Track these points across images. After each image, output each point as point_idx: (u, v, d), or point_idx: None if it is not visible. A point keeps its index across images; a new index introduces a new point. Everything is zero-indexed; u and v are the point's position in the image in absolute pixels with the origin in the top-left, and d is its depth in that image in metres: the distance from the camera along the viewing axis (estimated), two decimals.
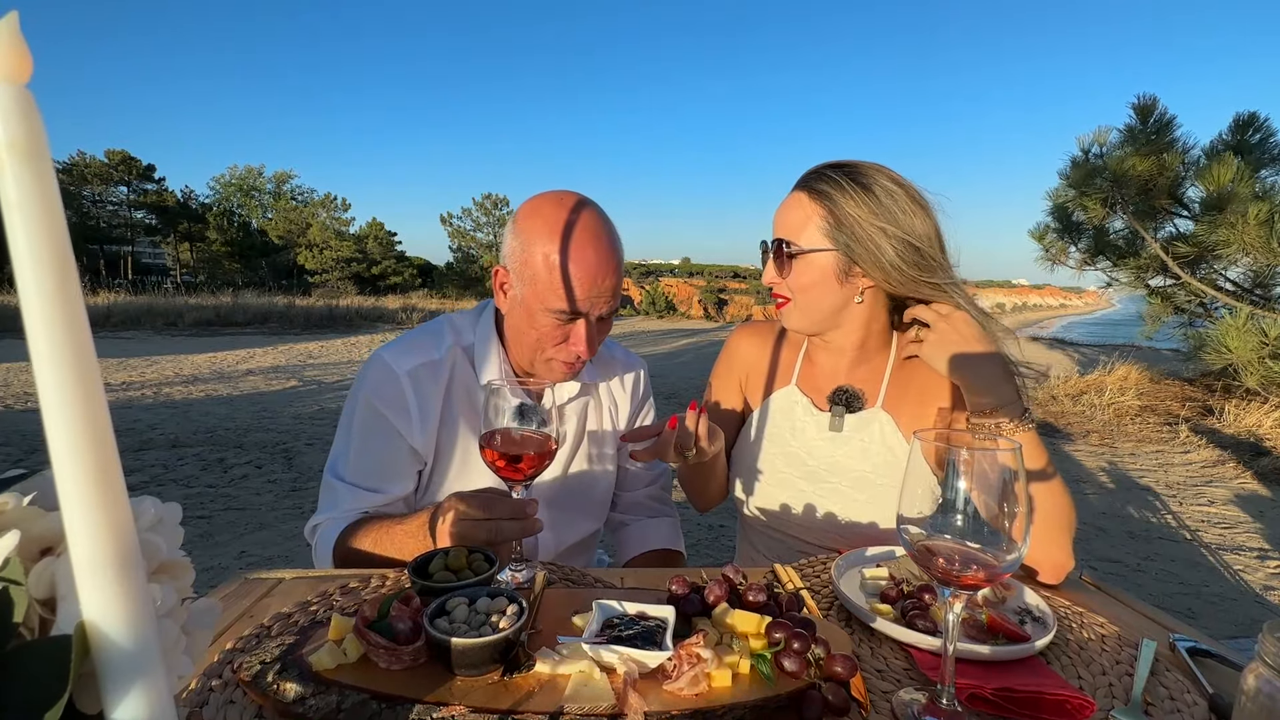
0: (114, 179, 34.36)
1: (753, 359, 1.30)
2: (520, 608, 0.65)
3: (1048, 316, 63.23)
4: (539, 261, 1.05)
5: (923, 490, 0.59)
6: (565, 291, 1.05)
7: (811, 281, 1.10)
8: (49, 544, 0.32)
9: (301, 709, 0.57)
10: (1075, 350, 13.55)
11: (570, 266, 1.04)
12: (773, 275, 1.15)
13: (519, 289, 1.09)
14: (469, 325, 1.22)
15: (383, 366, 1.12)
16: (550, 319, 1.08)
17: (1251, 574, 3.17)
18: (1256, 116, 6.88)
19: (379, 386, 1.11)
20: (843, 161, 1.11)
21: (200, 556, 3.16)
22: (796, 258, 1.10)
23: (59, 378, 0.26)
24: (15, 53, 0.25)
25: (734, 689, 0.60)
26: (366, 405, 1.12)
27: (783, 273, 1.12)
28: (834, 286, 1.10)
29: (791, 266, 1.11)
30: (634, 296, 46.50)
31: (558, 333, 1.09)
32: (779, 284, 1.14)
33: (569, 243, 1.05)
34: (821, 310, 1.13)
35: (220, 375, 8.62)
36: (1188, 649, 0.77)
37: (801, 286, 1.11)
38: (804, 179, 1.12)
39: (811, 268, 1.09)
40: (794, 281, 1.12)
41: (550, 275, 1.05)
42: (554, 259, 1.04)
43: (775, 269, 1.14)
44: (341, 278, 33.76)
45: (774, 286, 1.15)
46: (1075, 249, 8.42)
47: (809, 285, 1.11)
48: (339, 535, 1.05)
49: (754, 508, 1.24)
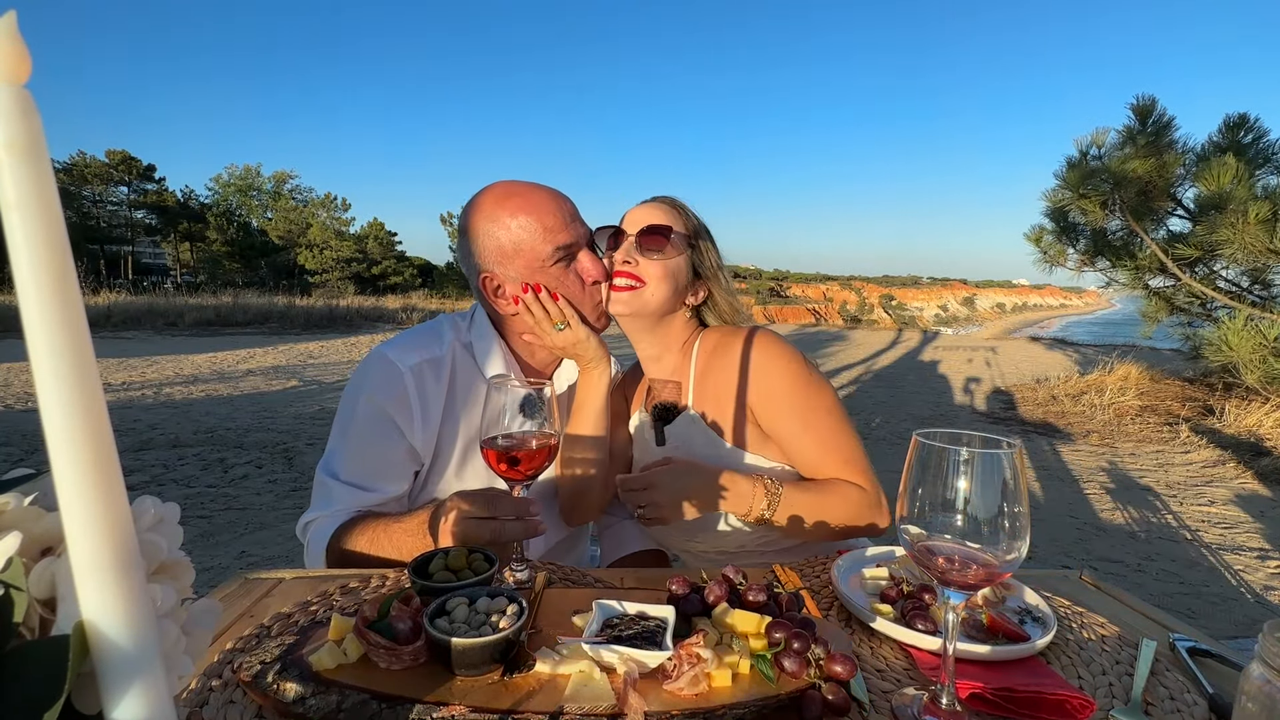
0: (114, 179, 34.41)
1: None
2: (520, 608, 0.65)
3: (1048, 316, 63.19)
4: (511, 234, 1.10)
5: (923, 491, 0.59)
6: (548, 232, 1.10)
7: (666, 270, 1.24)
8: (50, 544, 0.32)
9: (302, 709, 0.57)
10: (1075, 350, 13.54)
11: (532, 213, 1.10)
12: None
13: (513, 272, 1.12)
14: (466, 324, 1.23)
15: (385, 363, 1.10)
16: (558, 270, 1.12)
17: (1251, 574, 3.17)
18: (1247, 117, 6.86)
19: (381, 384, 1.09)
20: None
21: (200, 556, 3.16)
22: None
23: (58, 378, 0.26)
24: (14, 53, 0.25)
25: (734, 689, 0.60)
26: (368, 403, 1.09)
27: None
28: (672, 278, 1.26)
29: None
30: None
31: (572, 276, 1.14)
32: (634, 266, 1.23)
33: (513, 202, 1.11)
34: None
35: (220, 375, 8.62)
36: (1188, 649, 0.77)
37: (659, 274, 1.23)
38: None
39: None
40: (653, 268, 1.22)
41: (527, 232, 1.10)
42: (519, 219, 1.10)
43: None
44: (342, 278, 33.77)
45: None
46: (1073, 250, 8.42)
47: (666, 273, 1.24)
48: (333, 533, 1.04)
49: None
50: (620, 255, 1.18)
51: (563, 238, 1.10)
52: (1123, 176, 7.08)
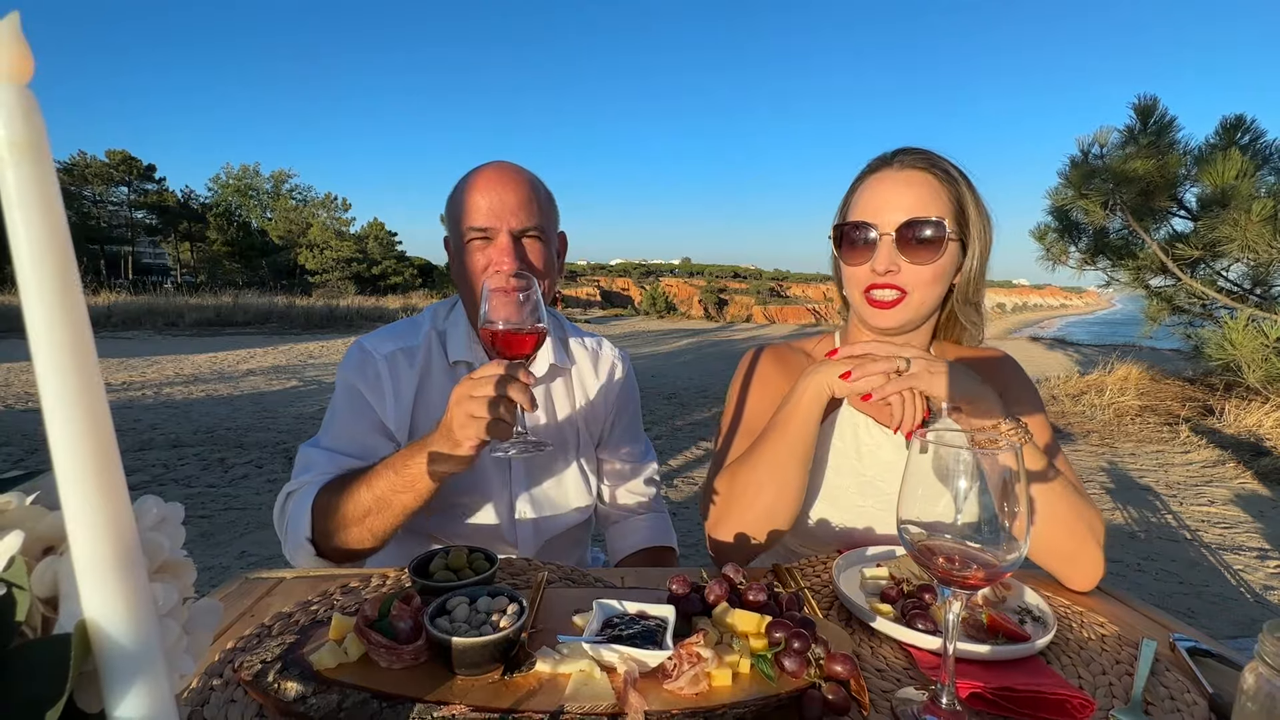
0: (115, 179, 34.42)
1: (784, 381, 1.13)
2: (520, 607, 0.65)
3: (1048, 316, 63.14)
4: (454, 204, 1.15)
5: (923, 490, 0.59)
6: (472, 210, 1.12)
7: (941, 272, 0.99)
8: (52, 543, 0.32)
9: (302, 708, 0.57)
10: (1075, 350, 13.54)
11: (472, 189, 1.13)
12: (893, 261, 0.98)
13: (452, 239, 1.18)
14: (445, 312, 1.27)
15: (361, 350, 1.18)
16: (474, 250, 1.12)
17: (1251, 574, 3.17)
18: (1244, 119, 6.86)
19: (356, 367, 1.16)
20: (928, 150, 1.03)
21: (201, 556, 3.16)
22: (942, 243, 0.97)
23: (60, 378, 0.26)
24: (17, 53, 0.25)
25: (734, 689, 0.60)
26: (344, 383, 1.16)
27: (919, 259, 0.97)
28: (945, 284, 1.01)
29: (936, 252, 0.97)
30: (634, 296, 46.40)
31: (482, 258, 1.12)
32: (897, 274, 0.99)
33: (472, 176, 1.15)
34: (928, 308, 1.02)
35: (221, 375, 8.62)
36: (1188, 649, 0.77)
37: (927, 279, 0.98)
38: (920, 159, 1.01)
39: (947, 257, 0.98)
40: (924, 273, 0.98)
41: (460, 203, 1.13)
42: (461, 191, 1.14)
43: (900, 255, 0.98)
44: (342, 278, 33.78)
45: (888, 277, 0.99)
46: (1075, 249, 8.43)
47: (937, 277, 0.99)
48: (318, 491, 1.02)
49: (803, 534, 1.12)
50: (882, 263, 0.98)
51: (483, 218, 1.11)
52: (1123, 176, 7.08)
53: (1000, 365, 1.15)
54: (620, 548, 1.35)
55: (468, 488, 1.18)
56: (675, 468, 4.79)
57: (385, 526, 0.99)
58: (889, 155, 1.05)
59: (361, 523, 0.98)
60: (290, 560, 1.05)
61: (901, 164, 1.02)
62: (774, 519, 0.98)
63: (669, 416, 6.58)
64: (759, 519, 0.97)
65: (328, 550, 1.02)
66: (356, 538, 0.99)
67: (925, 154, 1.03)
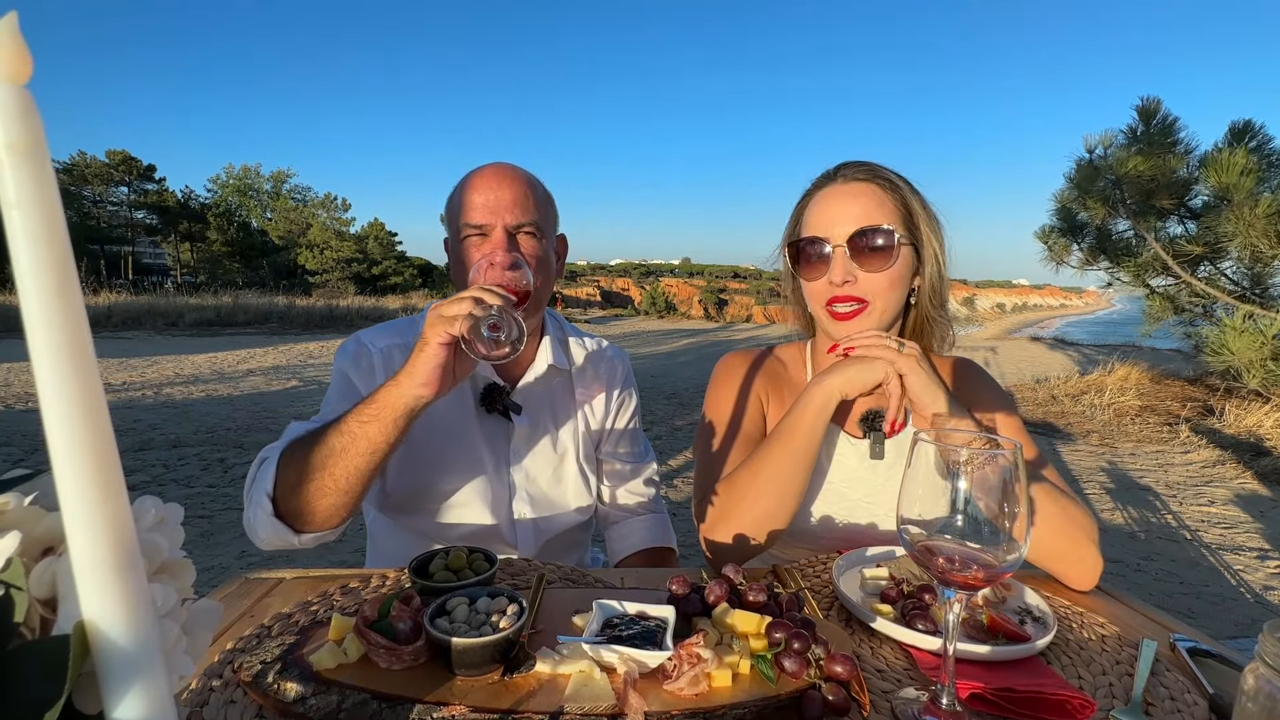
0: (114, 179, 34.41)
1: (765, 384, 1.17)
2: (520, 607, 0.65)
3: (1048, 316, 63.18)
4: (452, 203, 1.16)
5: (923, 491, 0.59)
6: (469, 208, 1.13)
7: (897, 278, 1.00)
8: (50, 544, 0.32)
9: (302, 709, 0.57)
10: (1075, 350, 13.54)
11: (469, 188, 1.14)
12: (849, 272, 1.00)
13: (450, 238, 1.19)
14: None
15: (358, 344, 1.19)
16: (470, 246, 1.13)
17: (1251, 574, 3.17)
18: (1252, 124, 6.87)
19: (352, 358, 1.17)
20: (869, 161, 1.07)
21: (201, 556, 3.16)
22: (894, 250, 0.99)
23: (59, 378, 0.26)
24: (15, 53, 0.25)
25: (734, 689, 0.60)
26: (338, 371, 1.17)
27: (873, 267, 0.99)
28: (903, 289, 1.02)
29: (889, 258, 0.99)
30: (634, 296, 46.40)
31: (478, 254, 1.12)
32: (855, 284, 1.00)
33: (469, 175, 1.16)
34: (891, 314, 1.03)
35: (221, 375, 8.62)
36: (1188, 649, 0.77)
37: (885, 287, 1.00)
38: (862, 171, 1.04)
39: (901, 262, 1.00)
40: (880, 280, 0.99)
41: (458, 202, 1.14)
42: (459, 191, 1.16)
43: (855, 265, 1.00)
44: (342, 278, 33.76)
45: (845, 288, 1.01)
46: (1078, 248, 8.44)
47: (894, 283, 1.00)
48: (290, 443, 0.96)
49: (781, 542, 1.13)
50: (839, 274, 1.00)
51: (479, 214, 1.12)
52: (1125, 176, 7.09)
53: (965, 371, 1.17)
54: (620, 548, 1.35)
55: (467, 488, 1.18)
56: (675, 468, 4.80)
57: (348, 471, 0.91)
58: (832, 171, 1.09)
59: (324, 467, 0.90)
60: (248, 531, 0.97)
61: (845, 178, 1.06)
62: (772, 523, 0.98)
63: (669, 416, 6.58)
64: (757, 523, 0.98)
65: (287, 510, 0.93)
66: (317, 487, 0.91)
67: (868, 165, 1.06)
